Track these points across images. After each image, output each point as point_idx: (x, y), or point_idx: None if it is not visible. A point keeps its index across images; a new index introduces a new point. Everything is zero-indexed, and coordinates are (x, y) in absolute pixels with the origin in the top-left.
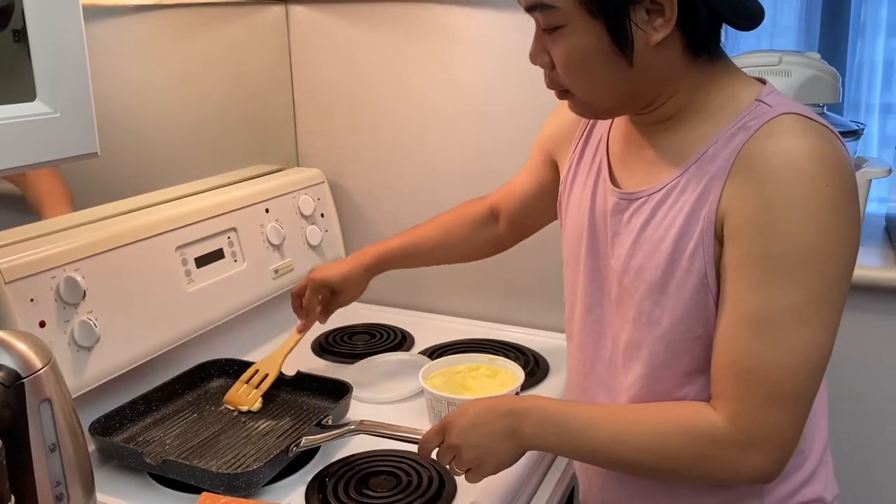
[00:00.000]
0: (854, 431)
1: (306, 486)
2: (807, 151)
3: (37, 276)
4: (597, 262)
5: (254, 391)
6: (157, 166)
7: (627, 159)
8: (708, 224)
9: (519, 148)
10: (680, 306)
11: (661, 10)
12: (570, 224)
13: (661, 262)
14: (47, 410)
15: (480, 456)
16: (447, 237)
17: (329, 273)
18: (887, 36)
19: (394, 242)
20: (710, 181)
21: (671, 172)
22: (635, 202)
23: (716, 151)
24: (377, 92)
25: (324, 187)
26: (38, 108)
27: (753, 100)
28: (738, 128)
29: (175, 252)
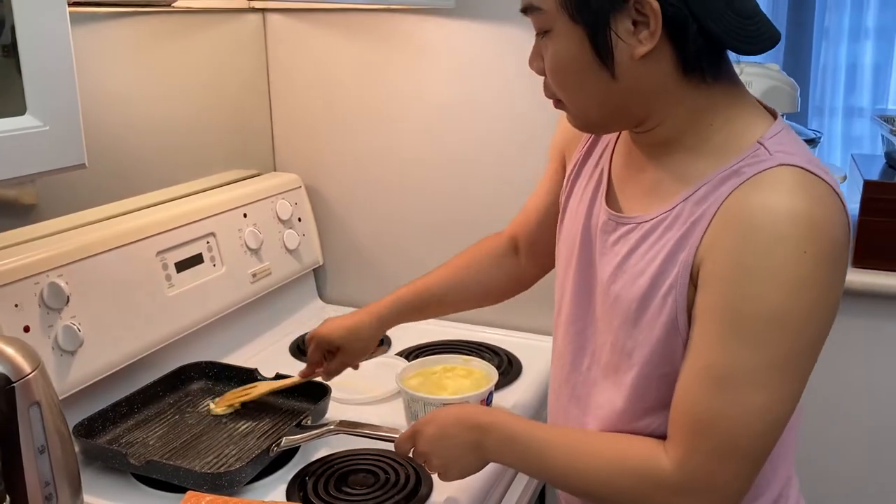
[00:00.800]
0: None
1: (287, 484)
2: (791, 212)
3: (21, 282)
4: (585, 273)
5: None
6: (135, 172)
7: (627, 179)
8: (684, 269)
9: (493, 154)
10: (650, 342)
11: (647, 22)
12: (566, 229)
13: (637, 295)
14: (36, 413)
15: (446, 464)
16: (464, 278)
17: (333, 328)
18: (850, 41)
19: (405, 289)
20: (693, 224)
21: (663, 205)
22: (624, 226)
23: (706, 193)
24: (353, 99)
25: (301, 192)
26: (29, 121)
27: (755, 141)
28: (732, 171)
29: (156, 257)
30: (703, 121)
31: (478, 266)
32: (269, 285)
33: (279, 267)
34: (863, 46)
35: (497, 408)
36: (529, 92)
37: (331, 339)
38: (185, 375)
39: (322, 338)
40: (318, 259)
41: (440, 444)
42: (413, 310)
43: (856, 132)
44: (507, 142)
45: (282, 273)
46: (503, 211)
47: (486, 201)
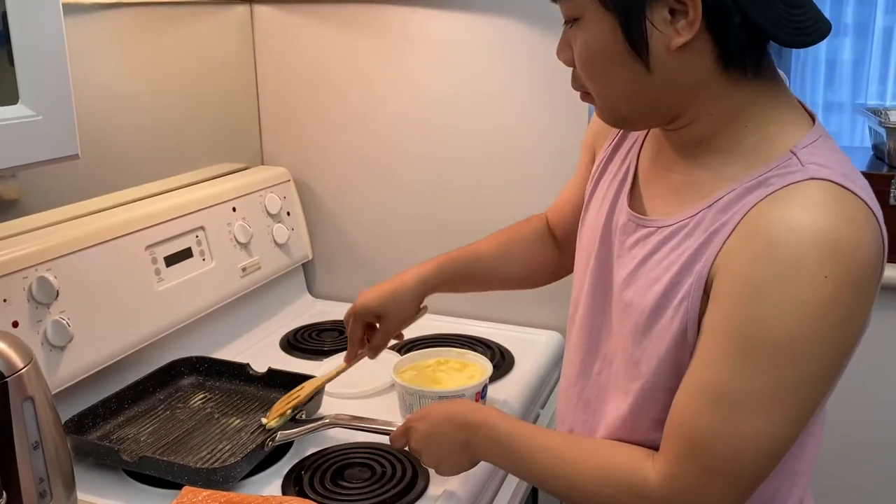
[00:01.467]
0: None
1: (282, 479)
2: (815, 232)
3: (9, 277)
4: (603, 274)
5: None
6: (121, 165)
7: (653, 178)
8: (698, 280)
9: (483, 147)
10: (658, 353)
11: (685, 11)
12: (588, 226)
13: (649, 303)
14: (30, 409)
15: (438, 461)
16: (511, 250)
17: (371, 296)
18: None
19: (445, 256)
20: (713, 233)
21: (686, 210)
22: (644, 229)
23: (729, 201)
24: (341, 91)
25: (289, 186)
26: (21, 111)
27: (788, 150)
28: (760, 181)
29: (145, 251)
30: (739, 121)
31: (520, 242)
32: (258, 280)
33: (269, 261)
34: (842, 42)
35: (489, 406)
36: (521, 84)
37: (370, 308)
38: (175, 371)
39: (361, 308)
40: (308, 253)
41: (431, 442)
42: (457, 276)
43: (834, 127)
44: (498, 134)
45: (271, 267)
46: (493, 203)
47: (476, 194)
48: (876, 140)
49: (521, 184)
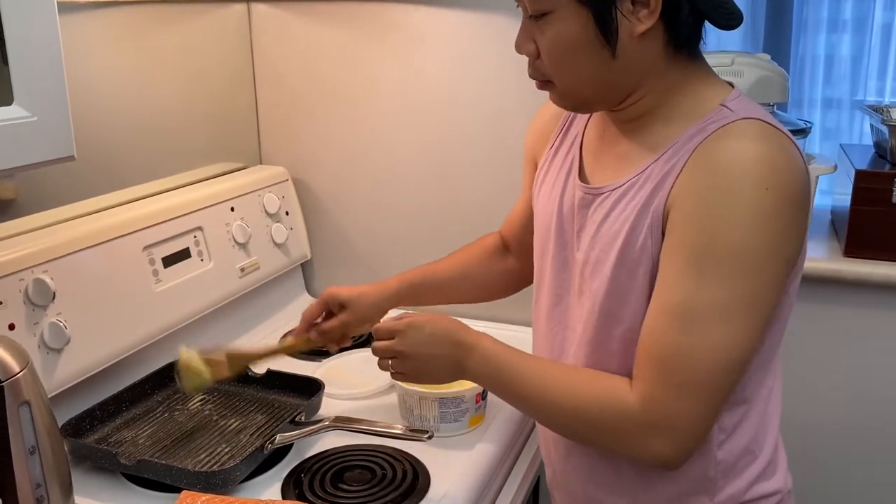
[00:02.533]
0: (803, 420)
1: (282, 482)
2: (753, 154)
3: (5, 279)
4: (564, 254)
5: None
6: (119, 165)
7: (601, 155)
8: (656, 217)
9: (483, 146)
10: (633, 299)
11: (647, 2)
12: (540, 218)
13: (615, 255)
14: (26, 413)
15: (419, 369)
16: (465, 271)
17: (343, 288)
18: (828, 32)
19: (413, 272)
20: (663, 177)
21: (634, 168)
22: (599, 196)
23: (675, 151)
24: (340, 90)
25: (288, 185)
26: (16, 112)
27: (718, 104)
28: (699, 130)
29: (142, 252)
30: (678, 93)
31: (478, 263)
32: (257, 280)
33: (267, 261)
34: (840, 38)
35: (483, 332)
36: (519, 81)
37: (339, 295)
38: (173, 372)
39: (329, 294)
40: (306, 253)
41: (422, 351)
42: (416, 293)
43: (832, 123)
44: (495, 132)
45: (270, 267)
46: (492, 202)
47: (474, 192)
48: (878, 138)
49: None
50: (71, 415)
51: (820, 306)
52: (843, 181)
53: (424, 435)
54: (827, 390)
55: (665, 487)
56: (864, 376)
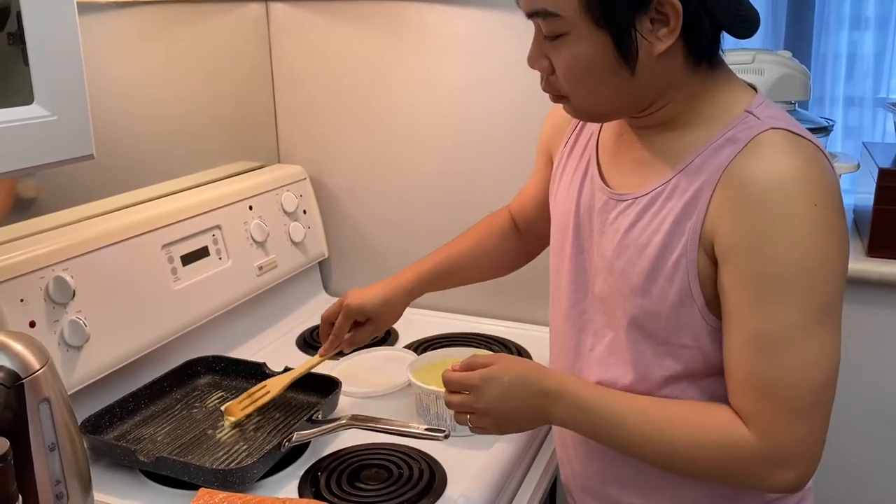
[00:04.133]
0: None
1: (299, 480)
2: (794, 172)
3: (26, 277)
4: (581, 257)
5: (246, 407)
6: (137, 164)
7: (617, 158)
8: (693, 236)
9: (500, 145)
10: (664, 313)
11: (666, 20)
12: (557, 218)
13: (645, 267)
14: (46, 410)
15: (502, 424)
16: (477, 252)
17: (366, 299)
18: (850, 30)
19: (428, 262)
20: (697, 192)
21: (659, 178)
22: (622, 203)
23: (702, 161)
24: (358, 89)
25: (306, 184)
26: (36, 111)
27: (743, 111)
28: (727, 139)
29: (161, 250)
30: (699, 100)
31: (489, 241)
32: (275, 278)
33: (285, 260)
34: (862, 36)
35: (556, 371)
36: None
37: (365, 310)
38: (192, 370)
39: (356, 308)
40: (324, 252)
41: (503, 406)
42: (435, 282)
43: (854, 121)
44: (516, 130)
45: (288, 266)
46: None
47: (494, 191)
48: None
49: None
50: (90, 412)
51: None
52: (866, 180)
53: (441, 434)
54: (851, 390)
55: (691, 489)
56: (889, 377)
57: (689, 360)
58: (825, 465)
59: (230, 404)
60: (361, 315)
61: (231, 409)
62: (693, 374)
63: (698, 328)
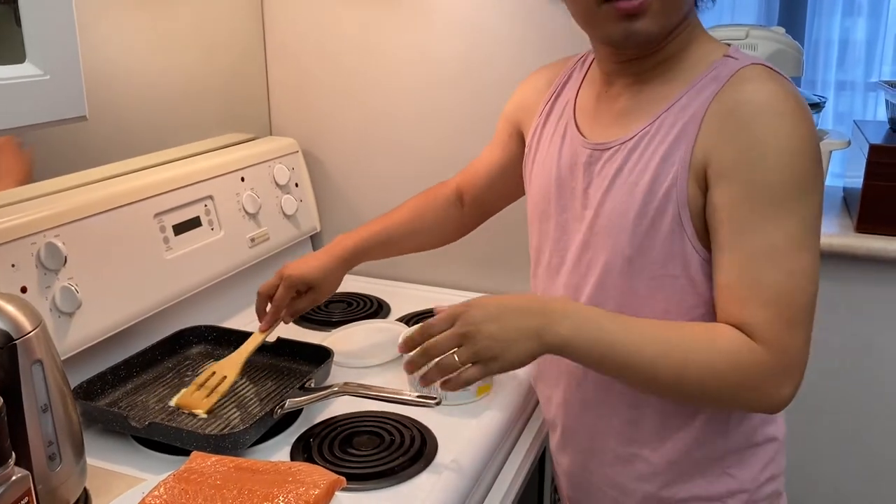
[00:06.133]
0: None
1: (291, 446)
2: (782, 93)
3: (17, 242)
4: (564, 216)
5: (207, 396)
6: (130, 133)
7: (598, 115)
8: (682, 166)
9: (491, 121)
10: (655, 245)
11: None
12: (537, 184)
13: (635, 204)
14: (39, 372)
15: (495, 348)
16: (416, 223)
17: (305, 269)
18: (843, 15)
19: (365, 232)
20: (684, 126)
21: (643, 121)
22: (607, 151)
23: (689, 100)
24: (351, 62)
25: (298, 157)
26: (28, 69)
27: (722, 55)
28: (710, 78)
29: (153, 219)
30: (686, 44)
31: (430, 213)
32: (267, 250)
33: (277, 232)
34: (855, 22)
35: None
36: (534, 54)
37: (306, 279)
38: (184, 339)
39: (297, 278)
40: (316, 225)
41: (493, 326)
42: (372, 253)
43: (845, 106)
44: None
45: (280, 238)
46: None
47: None
48: (893, 113)
49: None
50: (83, 378)
51: (831, 282)
52: (856, 161)
53: (433, 401)
54: (839, 365)
55: (683, 435)
56: (877, 351)
57: (678, 292)
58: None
59: (183, 398)
60: (303, 285)
61: (190, 403)
62: (681, 307)
63: (687, 258)
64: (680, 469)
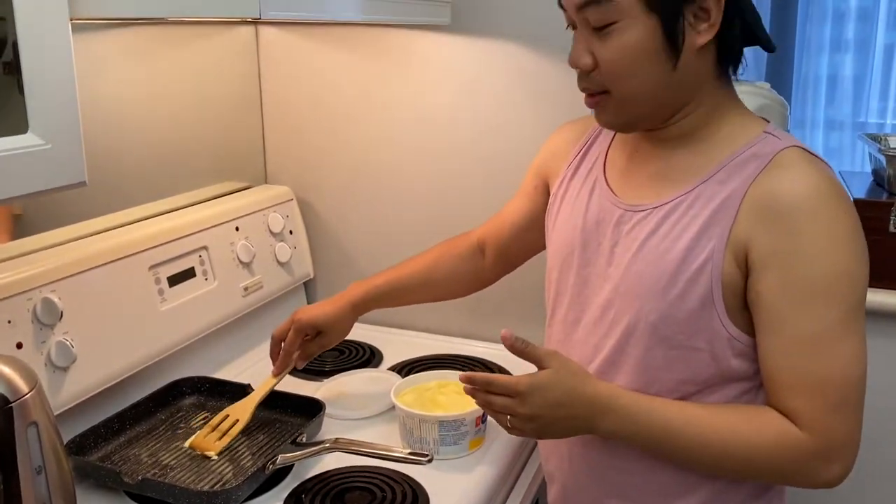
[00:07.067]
0: None
1: (283, 502)
2: (821, 183)
3: (14, 298)
4: (587, 270)
5: (220, 438)
6: (126, 184)
7: (630, 174)
8: (720, 242)
9: (484, 169)
10: (682, 316)
11: (707, 16)
12: (560, 235)
13: (666, 271)
14: (34, 433)
15: (543, 431)
16: (432, 273)
17: (315, 313)
18: (831, 52)
19: (379, 280)
20: (724, 201)
21: (678, 188)
22: (639, 213)
23: (728, 174)
24: (346, 112)
25: (292, 205)
26: (31, 140)
27: (762, 131)
28: (751, 154)
29: (149, 271)
30: (719, 117)
31: (445, 265)
32: (260, 298)
33: (270, 280)
34: (843, 59)
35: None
36: (524, 107)
37: (316, 324)
38: (177, 391)
39: (306, 323)
40: (309, 272)
41: (547, 413)
42: (384, 301)
43: (835, 143)
44: (501, 156)
45: (273, 286)
46: None
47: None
48: (876, 166)
49: None
50: (76, 431)
51: None
52: None
53: (425, 458)
54: None
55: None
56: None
57: (698, 365)
58: None
59: (196, 440)
60: (312, 329)
61: (203, 444)
62: (698, 379)
63: (714, 334)
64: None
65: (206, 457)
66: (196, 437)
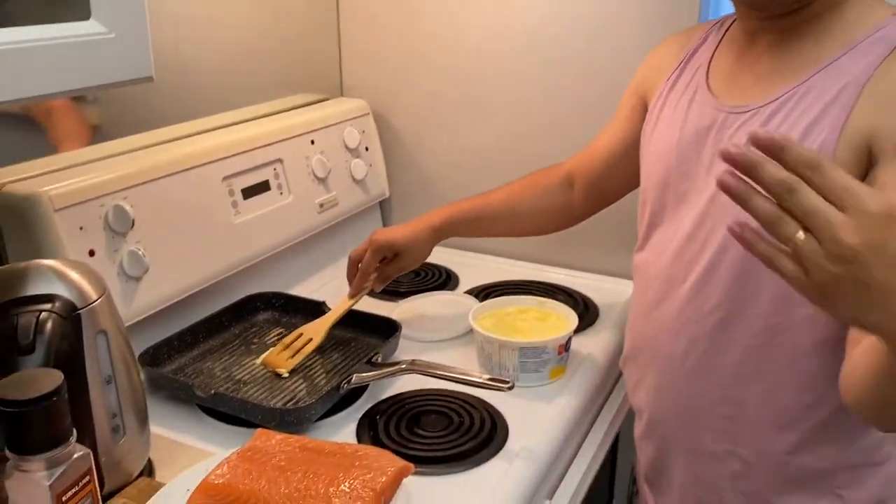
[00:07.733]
0: None
1: (357, 423)
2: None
3: (86, 204)
4: (685, 185)
5: (292, 357)
6: (199, 93)
7: (736, 77)
8: (833, 132)
9: (570, 92)
10: None
11: None
12: (655, 151)
13: None
14: (103, 342)
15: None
16: (517, 205)
17: (393, 235)
18: None
19: (462, 205)
20: (841, 89)
21: (789, 83)
22: (744, 115)
23: (849, 61)
24: (426, 24)
25: (368, 119)
26: (93, 27)
27: (891, 14)
28: (876, 39)
29: (222, 182)
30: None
31: (532, 196)
32: (335, 216)
33: (346, 197)
34: None
35: None
36: (614, 12)
37: (394, 246)
38: (251, 305)
39: (383, 243)
40: (385, 191)
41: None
42: (467, 226)
43: None
44: (587, 69)
45: (348, 204)
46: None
47: (562, 144)
48: None
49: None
50: (148, 344)
51: None
52: None
53: (506, 385)
54: None
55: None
56: None
57: None
58: None
59: (269, 357)
60: (389, 250)
61: (275, 362)
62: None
63: None
64: (780, 475)
65: (278, 374)
66: (269, 355)
